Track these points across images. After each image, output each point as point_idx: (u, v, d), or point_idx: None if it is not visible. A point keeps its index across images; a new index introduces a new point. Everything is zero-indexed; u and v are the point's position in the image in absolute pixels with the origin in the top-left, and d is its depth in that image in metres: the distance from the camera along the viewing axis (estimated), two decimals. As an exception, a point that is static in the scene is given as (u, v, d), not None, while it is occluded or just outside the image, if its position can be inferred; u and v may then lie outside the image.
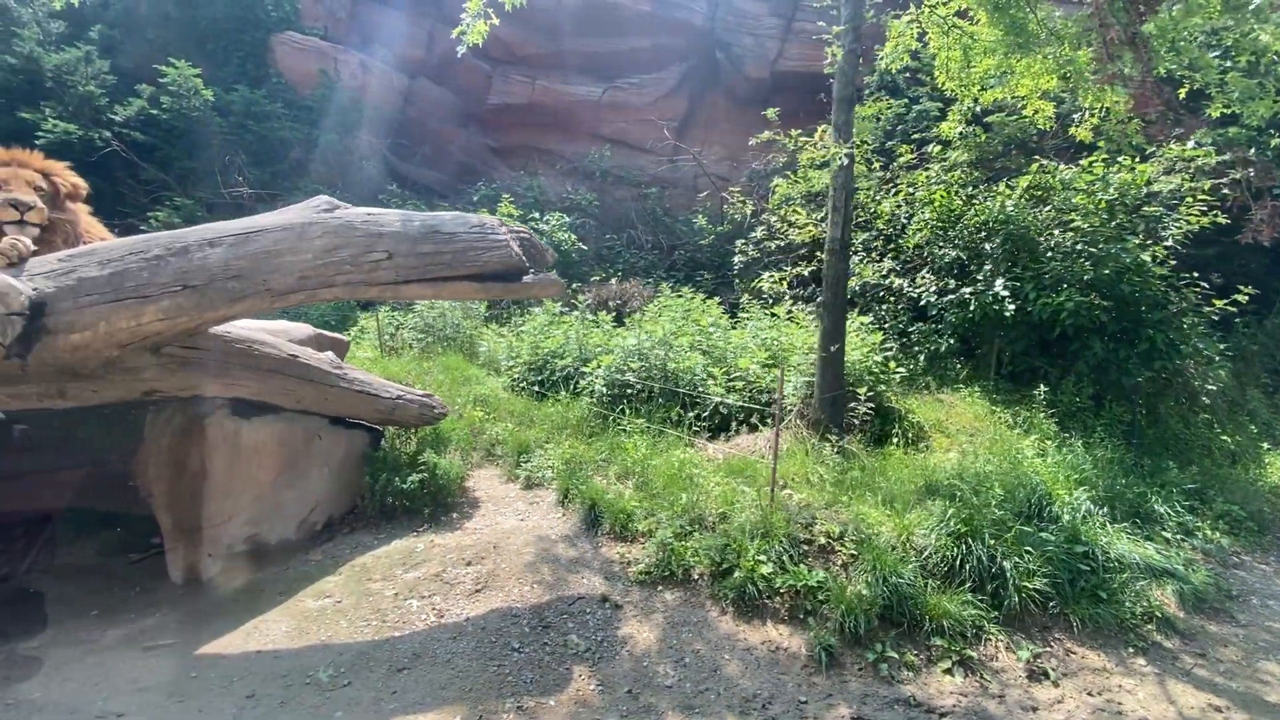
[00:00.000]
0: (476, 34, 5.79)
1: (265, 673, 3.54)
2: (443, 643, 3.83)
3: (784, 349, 7.42)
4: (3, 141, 10.49)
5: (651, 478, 5.48)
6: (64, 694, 3.39)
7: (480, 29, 5.82)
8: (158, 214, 9.50)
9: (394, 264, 4.12)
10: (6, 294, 3.44)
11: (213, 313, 3.92)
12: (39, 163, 4.18)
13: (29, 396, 4.09)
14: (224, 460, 4.60)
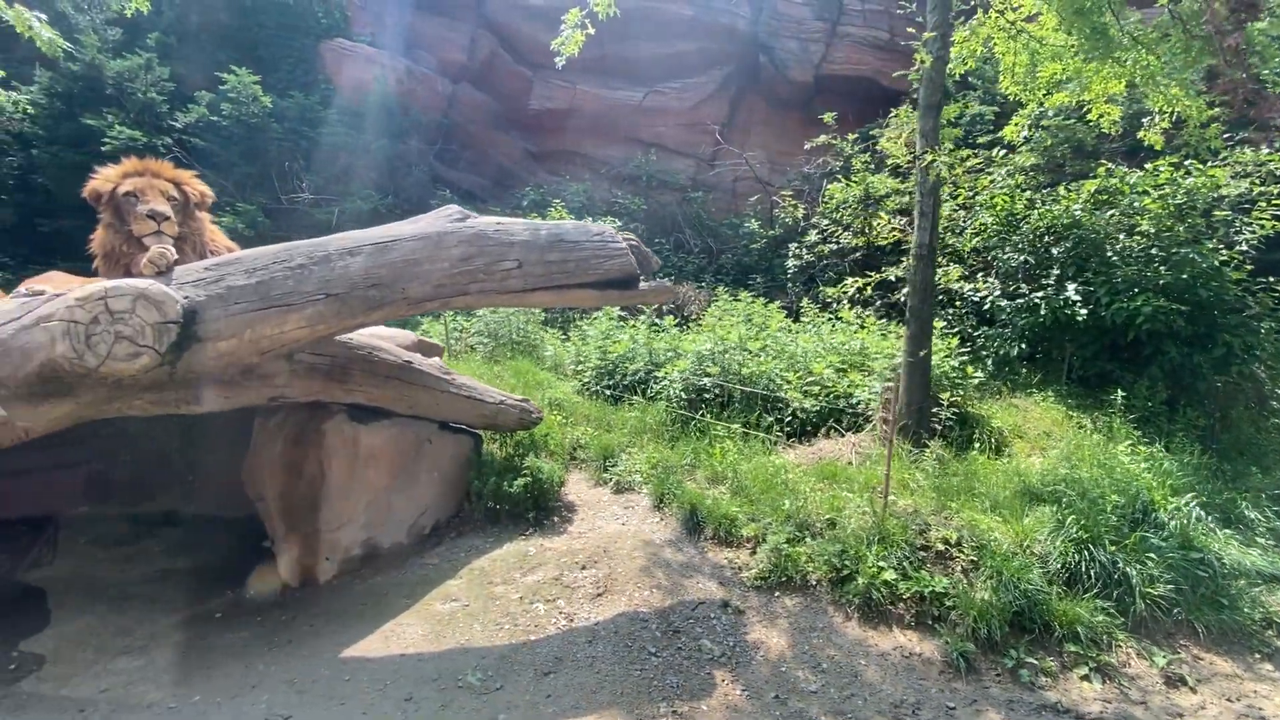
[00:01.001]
0: (574, 44, 5.87)
1: (414, 675, 3.59)
2: (580, 646, 3.87)
3: (857, 354, 7.43)
4: (69, 146, 10.69)
5: (746, 483, 5.51)
6: (221, 693, 3.45)
7: (577, 39, 5.90)
8: (222, 219, 9.61)
9: (523, 272, 4.17)
10: (163, 302, 3.52)
11: (351, 320, 3.99)
12: (170, 172, 4.26)
13: (167, 403, 4.16)
14: (342, 465, 4.67)
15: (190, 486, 7.16)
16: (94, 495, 6.97)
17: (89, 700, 3.43)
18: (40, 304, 3.54)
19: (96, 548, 6.11)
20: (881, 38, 13.28)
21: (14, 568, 5.27)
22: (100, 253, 4.07)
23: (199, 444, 6.81)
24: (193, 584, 5.33)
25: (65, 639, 4.13)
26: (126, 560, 5.91)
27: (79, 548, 6.03)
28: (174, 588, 5.17)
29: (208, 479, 7.10)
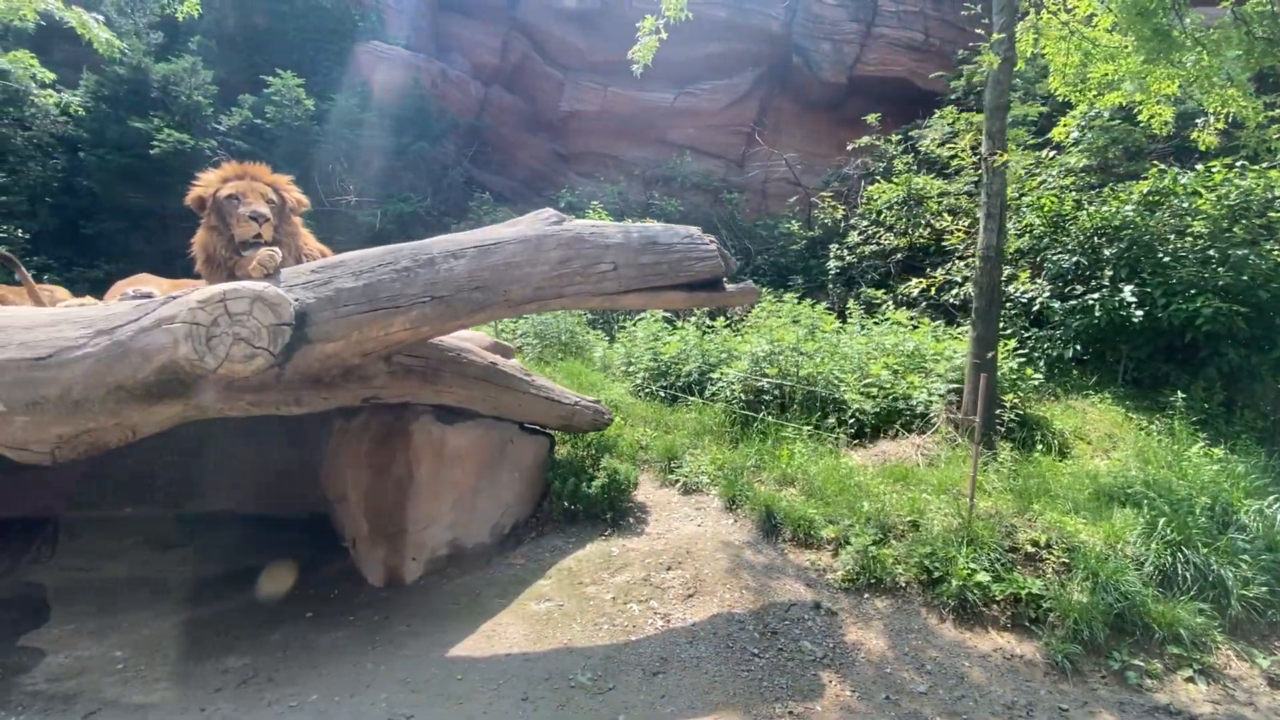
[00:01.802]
0: (649, 50, 5.92)
1: (524, 675, 3.61)
2: (681, 647, 3.88)
3: (911, 356, 7.43)
4: (115, 149, 10.76)
5: (817, 484, 5.52)
6: (338, 692, 3.48)
7: (651, 45, 5.95)
8: (271, 222, 9.68)
9: (618, 275, 4.19)
10: (278, 305, 3.55)
11: (454, 322, 4.02)
12: (269, 176, 4.29)
13: (268, 404, 4.20)
14: (430, 465, 4.70)
15: (235, 486, 7.21)
16: (140, 495, 7.03)
17: (210, 702, 3.46)
18: (157, 306, 3.57)
19: (151, 548, 6.17)
20: (916, 39, 13.28)
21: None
22: (202, 255, 4.10)
23: (242, 443, 6.84)
24: (270, 581, 5.37)
25: (169, 636, 4.17)
26: (184, 561, 5.96)
27: (131, 548, 6.08)
28: (245, 588, 5.23)
29: (250, 478, 7.15)
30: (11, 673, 3.73)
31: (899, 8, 13.25)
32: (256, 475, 7.00)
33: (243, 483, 7.11)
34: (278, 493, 7.05)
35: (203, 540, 6.31)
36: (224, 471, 7.00)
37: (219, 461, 6.78)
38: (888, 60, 13.31)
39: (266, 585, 5.35)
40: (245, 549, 6.15)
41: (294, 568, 5.77)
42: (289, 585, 5.28)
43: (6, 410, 3.46)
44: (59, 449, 3.68)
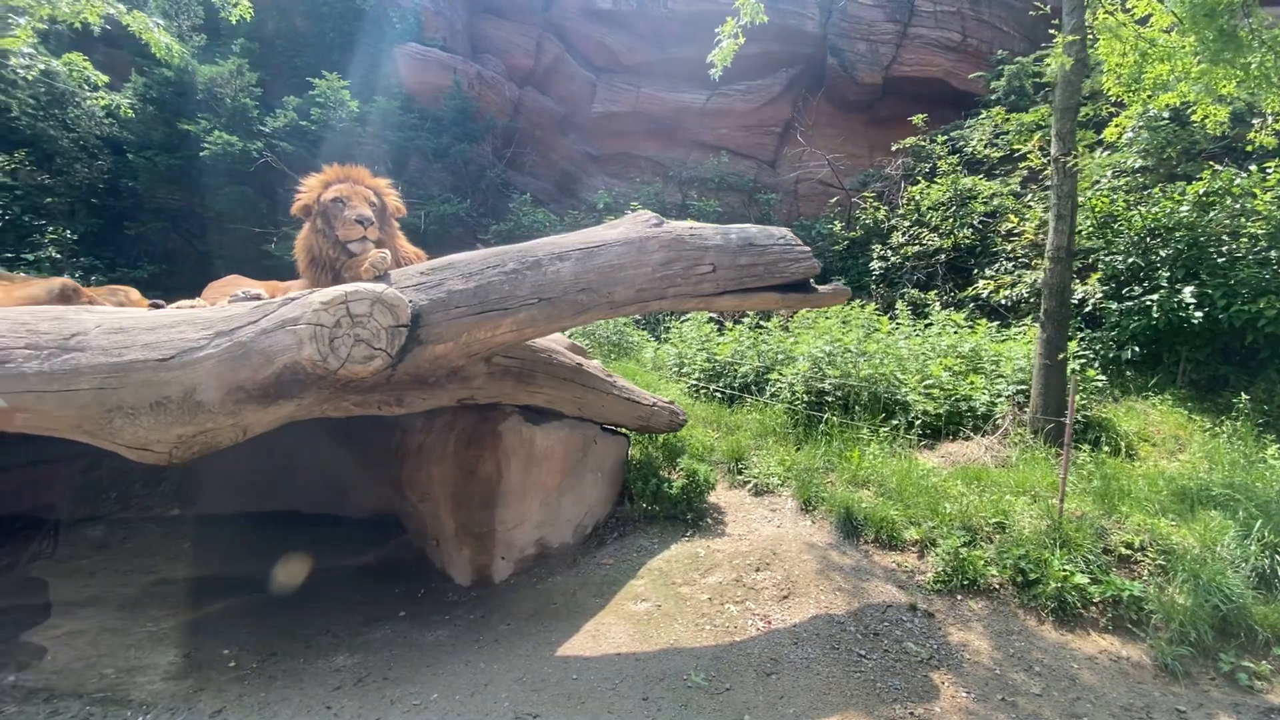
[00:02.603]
0: (727, 54, 5.96)
1: (638, 675, 3.63)
2: (787, 648, 3.89)
3: (969, 357, 7.42)
4: (163, 151, 10.82)
5: (893, 486, 5.52)
6: (458, 690, 3.50)
7: (730, 49, 5.98)
8: (320, 223, 9.74)
9: (716, 277, 4.20)
10: (397, 306, 3.57)
11: (558, 324, 4.04)
12: (370, 180, 4.32)
13: (371, 405, 4.23)
14: (520, 465, 4.72)
15: (295, 487, 7.27)
16: (218, 496, 7.10)
17: (333, 700, 3.49)
18: (276, 308, 3.60)
19: (234, 547, 6.20)
20: (953, 39, 13.25)
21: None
22: (306, 257, 4.13)
23: (301, 444, 6.88)
24: (352, 582, 5.42)
25: (270, 634, 4.21)
26: (264, 559, 5.98)
27: (209, 547, 6.12)
28: (336, 586, 5.26)
29: (309, 479, 7.22)
30: (127, 672, 3.77)
31: (936, 8, 13.23)
32: (316, 476, 7.07)
33: (302, 484, 7.18)
34: (336, 493, 7.11)
35: (271, 541, 6.37)
36: (285, 472, 7.06)
37: (281, 463, 6.84)
38: (924, 61, 13.28)
39: (351, 583, 5.39)
40: (316, 548, 6.20)
41: (375, 567, 5.83)
42: (372, 584, 5.32)
43: (134, 411, 3.50)
44: (176, 449, 3.72)
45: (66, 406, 3.45)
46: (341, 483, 7.05)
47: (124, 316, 3.64)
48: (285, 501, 7.19)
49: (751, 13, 5.97)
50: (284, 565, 5.92)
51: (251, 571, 5.69)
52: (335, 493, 7.12)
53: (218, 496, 6.96)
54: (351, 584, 5.39)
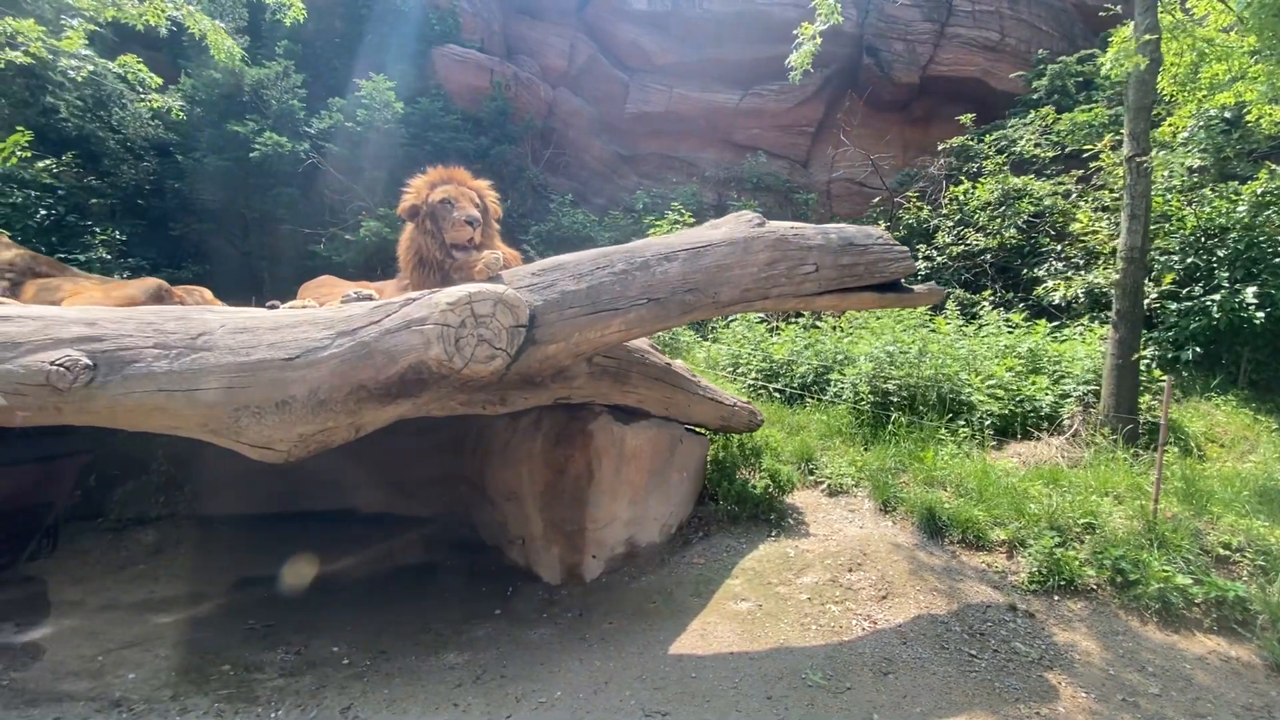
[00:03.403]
0: (805, 57, 5.99)
1: (757, 674, 3.64)
2: (897, 648, 3.90)
3: (1028, 357, 7.41)
4: (211, 152, 10.87)
5: (970, 486, 5.52)
6: (581, 689, 3.52)
7: (809, 52, 6.00)
8: (371, 224, 9.79)
9: (818, 276, 4.22)
10: (517, 307, 3.59)
11: (664, 324, 4.06)
12: (472, 181, 4.34)
13: (476, 404, 4.27)
14: (611, 464, 4.74)
15: (361, 487, 7.32)
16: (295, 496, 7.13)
17: (457, 697, 3.52)
18: (399, 308, 3.62)
19: (291, 547, 6.22)
20: (991, 39, 13.22)
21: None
22: (413, 259, 4.15)
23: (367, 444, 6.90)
24: (425, 580, 5.44)
25: (377, 633, 4.24)
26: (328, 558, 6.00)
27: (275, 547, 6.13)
28: (415, 585, 5.29)
29: (376, 479, 7.25)
30: (244, 669, 3.81)
31: (975, 7, 13.21)
32: (383, 475, 7.11)
33: (370, 483, 7.23)
34: (401, 492, 7.14)
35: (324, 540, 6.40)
36: (353, 472, 7.10)
37: (347, 463, 6.87)
38: (961, 60, 13.26)
39: (426, 582, 5.42)
40: (391, 548, 6.24)
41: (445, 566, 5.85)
42: (451, 582, 5.34)
43: (260, 410, 3.54)
44: (295, 448, 3.75)
45: (195, 406, 3.48)
46: (409, 484, 7.08)
47: (246, 316, 3.67)
48: (346, 501, 7.23)
49: (828, 13, 5.98)
50: (356, 564, 5.96)
51: (323, 570, 5.72)
52: (404, 493, 7.15)
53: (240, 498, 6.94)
54: (428, 582, 5.42)
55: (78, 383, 3.39)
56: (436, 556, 6.04)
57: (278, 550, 6.10)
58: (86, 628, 4.35)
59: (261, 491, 7.08)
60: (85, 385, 3.41)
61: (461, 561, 5.87)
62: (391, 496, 7.14)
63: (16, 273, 5.03)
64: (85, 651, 4.00)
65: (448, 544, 6.29)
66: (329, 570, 5.67)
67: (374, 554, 6.10)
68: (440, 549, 6.22)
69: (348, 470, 7.12)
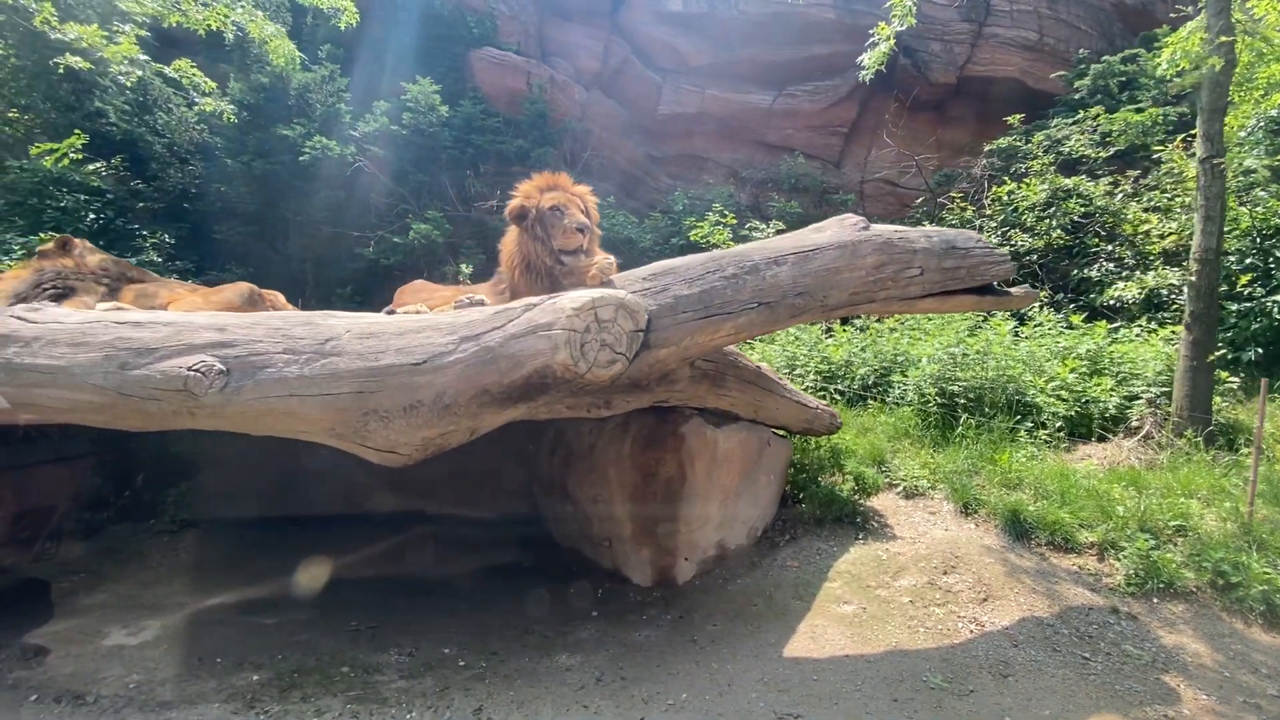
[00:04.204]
0: (879, 58, 6.02)
1: (876, 676, 3.66)
2: (1009, 650, 3.91)
3: (1089, 358, 7.40)
4: (258, 156, 10.94)
5: (1049, 488, 5.51)
6: (705, 691, 3.54)
7: (881, 53, 6.03)
8: (420, 226, 9.84)
9: (923, 279, 4.23)
10: (637, 312, 3.61)
11: (773, 327, 4.09)
12: (575, 187, 4.35)
13: (581, 407, 4.30)
14: (704, 467, 4.76)
15: (428, 487, 7.36)
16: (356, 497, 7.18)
17: (586, 699, 3.55)
18: (521, 313, 3.64)
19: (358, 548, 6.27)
20: (1029, 38, 13.21)
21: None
22: (521, 263, 4.16)
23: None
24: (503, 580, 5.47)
25: (482, 634, 4.27)
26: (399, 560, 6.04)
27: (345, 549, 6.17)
28: (503, 586, 5.32)
29: (441, 480, 7.29)
30: (363, 671, 3.85)
31: (1013, 7, 13.19)
32: (447, 478, 7.15)
33: (434, 486, 7.27)
34: (465, 495, 7.18)
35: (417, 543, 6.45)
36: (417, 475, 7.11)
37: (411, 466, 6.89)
38: (999, 60, 13.25)
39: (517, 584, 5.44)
40: (465, 549, 6.28)
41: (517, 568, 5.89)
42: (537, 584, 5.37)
43: (388, 414, 3.57)
44: (417, 451, 3.79)
45: (326, 410, 3.53)
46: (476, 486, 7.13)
47: (370, 321, 3.71)
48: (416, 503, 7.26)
49: (903, 14, 5.98)
50: (434, 566, 6.00)
51: (405, 572, 5.77)
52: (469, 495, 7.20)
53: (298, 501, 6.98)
54: (510, 583, 5.45)
55: (213, 388, 3.43)
56: (512, 557, 6.08)
57: (349, 552, 6.15)
58: (184, 630, 4.40)
59: (320, 494, 7.15)
60: (220, 390, 3.45)
61: (537, 562, 5.91)
62: (457, 499, 7.18)
63: (111, 279, 5.08)
64: (197, 653, 4.05)
65: (517, 545, 6.33)
66: (410, 572, 5.72)
67: (450, 556, 6.15)
68: (512, 550, 6.26)
69: (410, 473, 7.17)
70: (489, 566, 5.84)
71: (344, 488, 7.03)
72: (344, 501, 7.08)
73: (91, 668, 3.79)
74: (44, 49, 9.93)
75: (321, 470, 6.88)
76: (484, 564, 5.92)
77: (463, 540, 6.53)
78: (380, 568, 5.85)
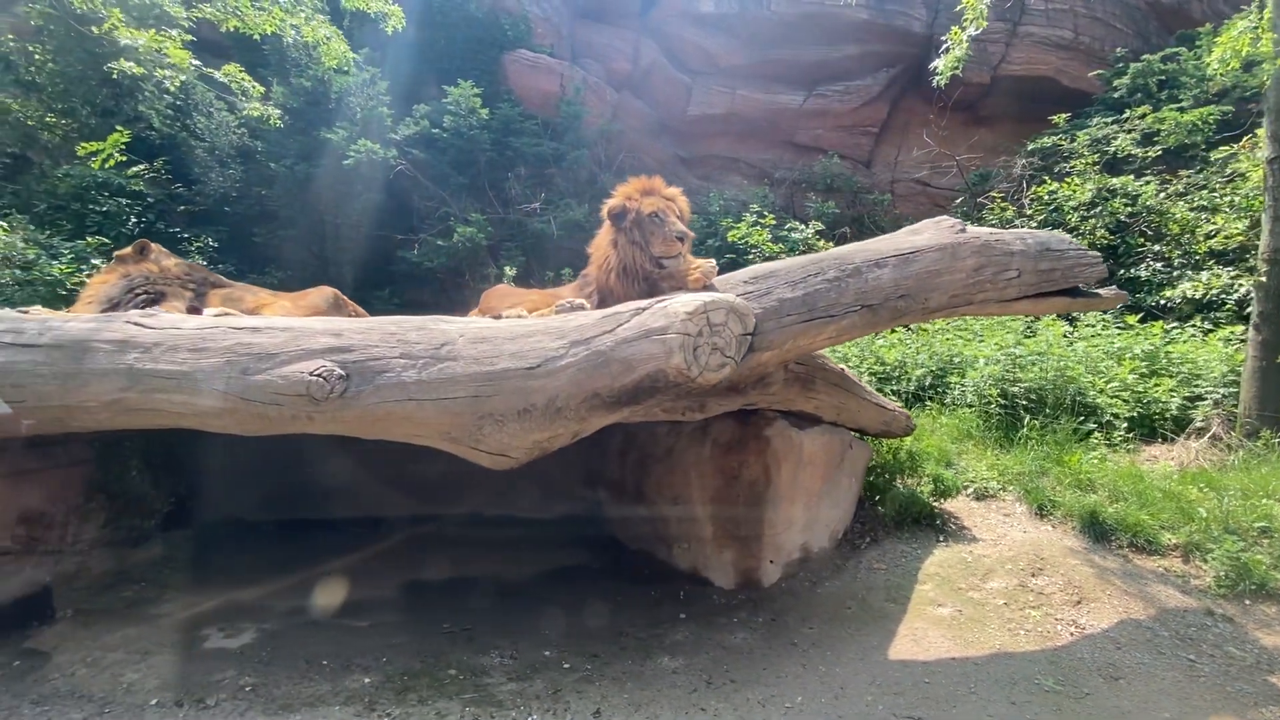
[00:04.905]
0: (953, 62, 6.02)
1: (986, 679, 3.66)
2: (1113, 652, 3.91)
3: (1146, 358, 7.38)
4: (301, 160, 10.96)
5: (1127, 490, 5.50)
6: (818, 694, 3.55)
7: (955, 57, 6.03)
8: (465, 229, 9.87)
9: (1019, 282, 4.23)
10: (746, 315, 3.61)
11: (873, 329, 4.11)
12: (669, 190, 4.35)
13: (676, 410, 4.32)
14: (790, 470, 4.76)
15: (481, 488, 7.36)
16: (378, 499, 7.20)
17: (702, 701, 3.56)
18: (630, 317, 3.64)
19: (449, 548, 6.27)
20: (1065, 37, 13.17)
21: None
22: (617, 266, 4.15)
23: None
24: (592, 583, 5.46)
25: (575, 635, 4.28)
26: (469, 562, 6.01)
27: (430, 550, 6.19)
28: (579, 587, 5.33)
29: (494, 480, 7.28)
30: (470, 673, 3.86)
31: (1048, 6, 13.16)
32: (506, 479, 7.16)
33: (493, 487, 7.28)
34: (523, 495, 7.19)
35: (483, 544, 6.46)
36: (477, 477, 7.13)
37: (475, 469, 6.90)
38: (1034, 59, 13.21)
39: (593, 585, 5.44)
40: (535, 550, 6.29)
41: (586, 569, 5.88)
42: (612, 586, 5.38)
43: (503, 418, 3.59)
44: (526, 454, 3.80)
45: (443, 414, 3.55)
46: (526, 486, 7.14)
47: (481, 326, 3.73)
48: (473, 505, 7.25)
49: (975, 17, 5.98)
50: (505, 567, 6.01)
51: (473, 573, 5.77)
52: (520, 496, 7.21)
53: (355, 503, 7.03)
54: (584, 584, 5.45)
55: (334, 393, 3.46)
56: (578, 559, 6.08)
57: (416, 554, 6.18)
58: (280, 634, 4.42)
59: (377, 496, 7.18)
60: (340, 395, 3.48)
61: (605, 563, 5.92)
62: (512, 500, 7.19)
63: (196, 283, 5.12)
64: (301, 656, 4.07)
65: (578, 546, 6.33)
66: (480, 573, 5.71)
67: (514, 557, 6.16)
68: (575, 551, 6.26)
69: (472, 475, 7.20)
70: (558, 568, 5.84)
71: (402, 491, 7.07)
72: (436, 502, 7.10)
73: (202, 671, 3.82)
74: (93, 53, 10.02)
75: (378, 473, 6.94)
76: (551, 565, 5.92)
77: (523, 541, 6.55)
78: (449, 570, 5.85)
